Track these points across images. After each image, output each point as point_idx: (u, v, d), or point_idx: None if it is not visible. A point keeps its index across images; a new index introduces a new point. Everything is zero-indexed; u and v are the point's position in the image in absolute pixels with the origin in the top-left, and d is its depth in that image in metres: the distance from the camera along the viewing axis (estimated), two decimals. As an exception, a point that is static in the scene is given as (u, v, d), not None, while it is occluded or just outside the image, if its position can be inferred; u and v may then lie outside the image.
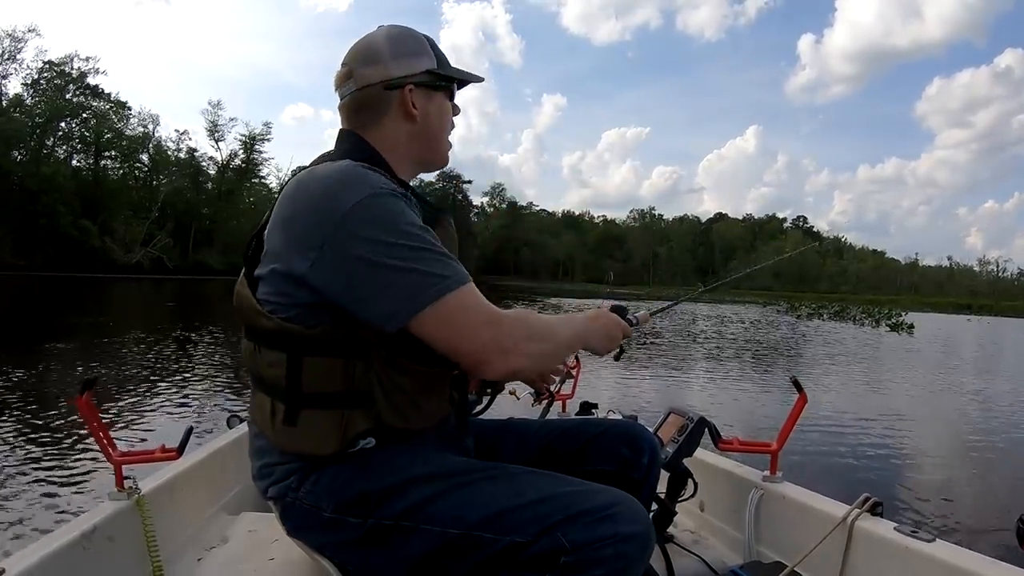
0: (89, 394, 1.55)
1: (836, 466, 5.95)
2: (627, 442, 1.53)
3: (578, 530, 1.10)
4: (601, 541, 1.09)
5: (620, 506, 1.14)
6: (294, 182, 1.21)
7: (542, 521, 1.11)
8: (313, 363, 1.18)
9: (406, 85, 1.31)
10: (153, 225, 58.34)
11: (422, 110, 1.33)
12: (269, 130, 76.96)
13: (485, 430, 1.56)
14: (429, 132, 1.36)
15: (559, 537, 1.09)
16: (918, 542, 1.48)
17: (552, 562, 1.09)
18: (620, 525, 1.11)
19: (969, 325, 39.41)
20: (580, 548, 1.09)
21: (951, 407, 9.87)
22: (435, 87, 1.35)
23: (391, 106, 1.31)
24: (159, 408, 6.69)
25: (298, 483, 1.23)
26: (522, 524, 1.12)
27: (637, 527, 1.13)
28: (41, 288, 27.51)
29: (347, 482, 1.20)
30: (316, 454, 1.21)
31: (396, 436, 1.23)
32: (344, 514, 1.19)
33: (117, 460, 1.62)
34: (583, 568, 1.09)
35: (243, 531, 1.88)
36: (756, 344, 18.96)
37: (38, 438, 5.27)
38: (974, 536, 4.34)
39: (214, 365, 9.61)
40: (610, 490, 1.19)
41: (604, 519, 1.11)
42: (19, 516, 3.72)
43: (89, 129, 59.28)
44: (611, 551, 1.09)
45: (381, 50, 1.32)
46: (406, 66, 1.32)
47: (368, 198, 1.12)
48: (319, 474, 1.22)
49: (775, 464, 1.95)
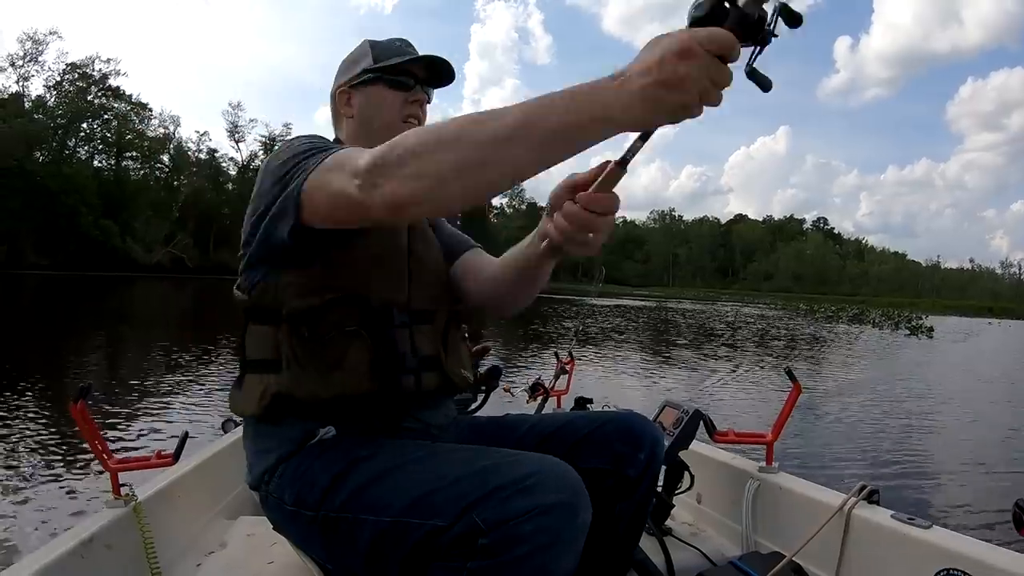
0: (83, 401, 1.54)
1: (832, 455, 5.93)
2: (625, 436, 1.42)
3: (493, 507, 0.99)
4: (518, 517, 0.97)
5: (538, 475, 1.02)
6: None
7: (459, 501, 1.02)
8: (252, 330, 1.28)
9: (338, 91, 1.46)
10: (174, 225, 59.12)
11: (357, 106, 1.44)
12: (289, 131, 77.38)
13: (480, 427, 1.54)
14: (367, 124, 1.43)
15: (473, 517, 0.99)
16: (915, 528, 1.46)
17: (471, 545, 0.99)
18: (538, 496, 0.99)
19: (990, 328, 38.94)
20: (496, 527, 0.98)
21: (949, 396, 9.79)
22: (369, 82, 1.42)
23: (336, 113, 1.48)
24: (154, 414, 6.64)
25: (269, 475, 1.25)
26: (442, 506, 1.03)
27: (560, 495, 1.00)
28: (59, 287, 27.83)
29: (303, 473, 1.20)
30: (245, 415, 1.30)
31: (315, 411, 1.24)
32: (301, 506, 1.19)
33: (113, 467, 1.62)
34: (503, 548, 0.97)
35: (241, 536, 1.87)
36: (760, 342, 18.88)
37: (34, 447, 5.23)
38: (971, 522, 4.31)
39: (209, 369, 9.52)
40: (535, 458, 1.08)
41: (520, 492, 0.99)
42: (15, 526, 3.68)
43: (110, 130, 60.30)
44: (530, 526, 0.97)
45: (338, 68, 1.49)
46: (344, 75, 1.46)
47: (286, 141, 1.25)
48: (285, 465, 1.23)
49: (771, 455, 1.93)
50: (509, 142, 0.87)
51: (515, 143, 0.87)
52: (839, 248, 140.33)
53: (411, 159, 0.92)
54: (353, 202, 1.00)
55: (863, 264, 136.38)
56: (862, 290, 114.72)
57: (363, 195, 0.97)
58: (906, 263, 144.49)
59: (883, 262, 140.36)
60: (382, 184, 0.95)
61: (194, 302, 26.27)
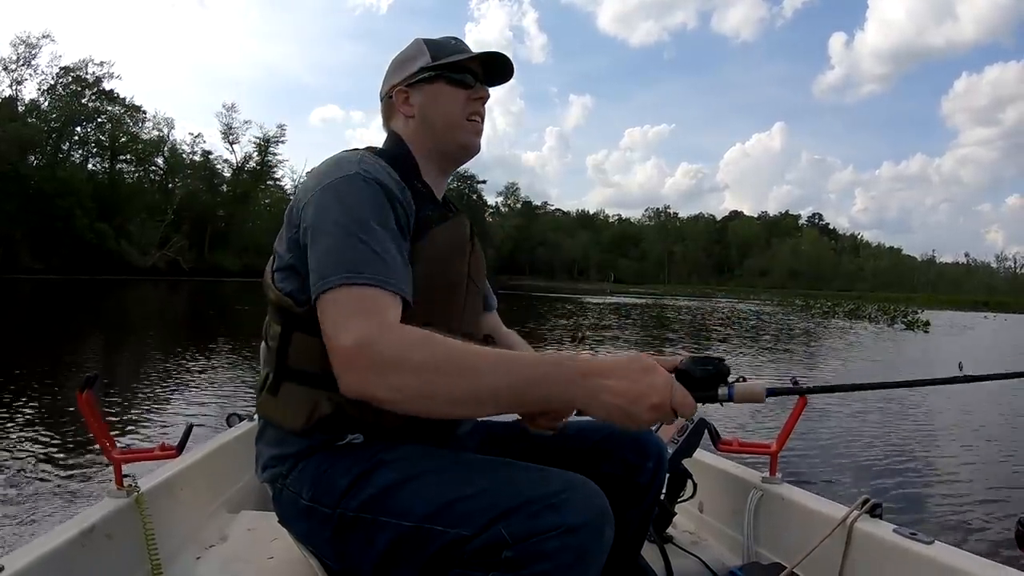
0: (90, 391, 1.54)
1: (835, 467, 5.91)
2: (633, 446, 1.49)
3: (520, 521, 1.00)
4: (545, 533, 0.98)
5: (568, 492, 1.03)
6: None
7: (487, 512, 1.02)
8: (299, 339, 1.23)
9: (394, 90, 1.44)
10: (169, 227, 58.75)
11: (417, 105, 1.42)
12: (283, 132, 77.34)
13: (495, 432, 1.56)
14: (430, 122, 1.41)
15: (500, 529, 1.00)
16: (917, 544, 1.46)
17: (494, 556, 1.00)
18: (567, 515, 1.00)
19: (986, 322, 38.99)
20: (522, 541, 0.99)
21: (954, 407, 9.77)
22: (428, 80, 1.41)
23: (394, 111, 1.45)
24: (159, 406, 6.72)
25: (288, 470, 1.26)
26: (468, 516, 1.04)
27: (587, 516, 1.01)
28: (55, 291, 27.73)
29: (326, 471, 1.21)
30: (283, 427, 1.26)
31: (373, 431, 1.23)
32: (317, 503, 1.20)
33: (116, 458, 1.62)
34: (526, 563, 0.98)
35: (242, 530, 1.88)
36: (760, 341, 18.85)
37: (38, 436, 5.31)
38: (973, 538, 4.29)
39: (215, 364, 9.65)
40: (563, 475, 1.08)
41: (549, 508, 1.00)
42: (18, 513, 3.73)
43: (104, 133, 59.81)
44: (556, 543, 0.98)
45: (388, 68, 1.48)
46: (400, 73, 1.44)
47: (342, 179, 1.19)
48: (307, 462, 1.24)
49: (775, 465, 1.93)
50: (481, 403, 1.02)
51: (486, 404, 1.02)
52: (834, 244, 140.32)
53: (421, 369, 1.00)
54: (343, 362, 1.04)
55: (859, 260, 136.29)
56: (858, 285, 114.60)
57: (360, 371, 1.02)
58: (902, 258, 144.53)
59: (878, 257, 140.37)
60: (382, 374, 1.01)
61: (192, 303, 26.22)
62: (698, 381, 1.05)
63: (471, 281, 1.41)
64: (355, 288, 1.08)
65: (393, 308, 1.09)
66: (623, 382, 0.99)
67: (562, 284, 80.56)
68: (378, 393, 1.01)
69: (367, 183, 1.18)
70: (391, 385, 1.00)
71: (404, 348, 1.01)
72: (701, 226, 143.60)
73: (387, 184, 1.21)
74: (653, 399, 0.99)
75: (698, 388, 1.04)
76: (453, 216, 1.39)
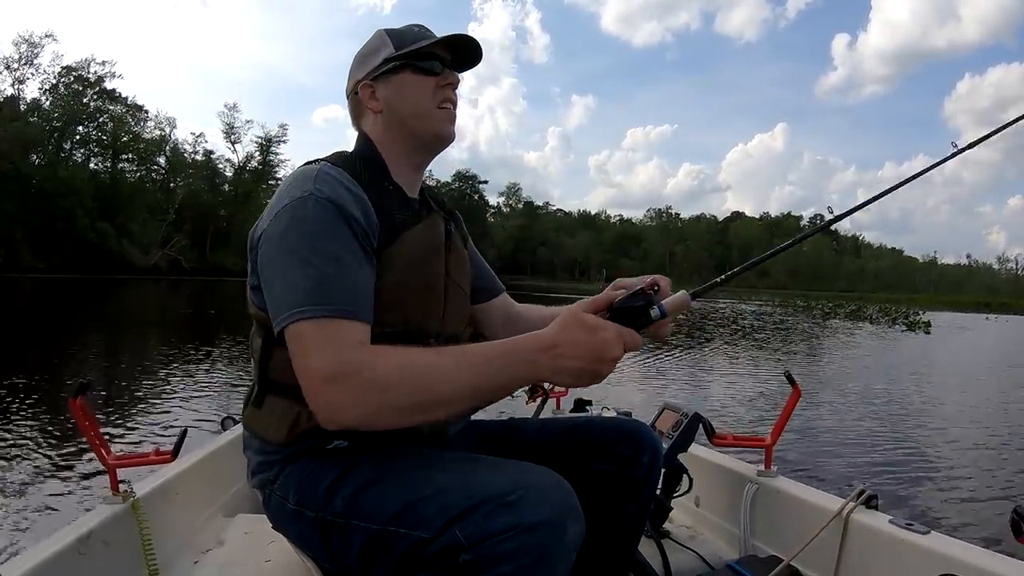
0: (83, 397, 1.54)
1: (830, 459, 5.91)
2: (628, 441, 1.47)
3: (475, 522, 0.97)
4: (500, 534, 0.95)
5: (523, 490, 0.99)
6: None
7: (442, 514, 1.01)
8: (280, 352, 1.17)
9: (359, 86, 1.37)
10: (170, 227, 58.87)
11: (384, 98, 1.35)
12: (285, 132, 77.45)
13: (486, 430, 1.54)
14: (399, 115, 1.35)
15: (456, 531, 0.98)
16: (913, 534, 1.47)
17: (453, 560, 0.98)
18: (523, 513, 0.96)
19: (987, 323, 38.94)
20: (478, 543, 0.96)
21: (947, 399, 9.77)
22: (394, 71, 1.34)
23: (362, 108, 1.38)
24: (155, 410, 6.67)
25: (275, 475, 1.25)
26: (428, 518, 1.02)
27: (545, 513, 0.97)
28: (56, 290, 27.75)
29: (311, 474, 1.20)
30: (267, 439, 1.25)
31: (359, 435, 1.20)
32: (303, 507, 1.19)
33: (112, 463, 1.62)
34: (486, 566, 0.96)
35: (239, 533, 1.87)
36: (759, 340, 18.84)
37: (33, 443, 5.25)
38: (969, 528, 4.29)
39: (212, 365, 9.62)
40: (522, 471, 1.07)
41: (504, 507, 0.97)
42: (13, 521, 3.70)
43: (106, 133, 59.89)
44: (514, 544, 0.95)
45: (352, 63, 1.41)
46: (364, 67, 1.37)
47: (295, 202, 1.15)
48: (293, 467, 1.23)
49: (770, 459, 1.94)
50: (452, 404, 1.04)
51: (458, 403, 1.04)
52: (836, 245, 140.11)
53: (378, 399, 1.01)
54: (308, 397, 1.05)
55: (860, 260, 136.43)
56: (859, 286, 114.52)
57: (321, 410, 1.04)
58: (903, 259, 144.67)
59: (880, 258, 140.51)
60: (344, 411, 1.02)
61: (192, 303, 26.16)
62: (634, 312, 1.10)
63: (451, 280, 1.37)
64: (312, 322, 1.06)
65: (353, 333, 1.08)
66: (578, 347, 1.00)
67: (563, 284, 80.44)
68: (352, 422, 1.02)
69: (318, 203, 1.14)
70: (363, 413, 1.02)
71: (368, 376, 1.01)
72: (703, 227, 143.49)
73: (341, 201, 1.16)
74: (609, 353, 1.01)
75: (636, 319, 1.09)
76: (427, 216, 1.34)
